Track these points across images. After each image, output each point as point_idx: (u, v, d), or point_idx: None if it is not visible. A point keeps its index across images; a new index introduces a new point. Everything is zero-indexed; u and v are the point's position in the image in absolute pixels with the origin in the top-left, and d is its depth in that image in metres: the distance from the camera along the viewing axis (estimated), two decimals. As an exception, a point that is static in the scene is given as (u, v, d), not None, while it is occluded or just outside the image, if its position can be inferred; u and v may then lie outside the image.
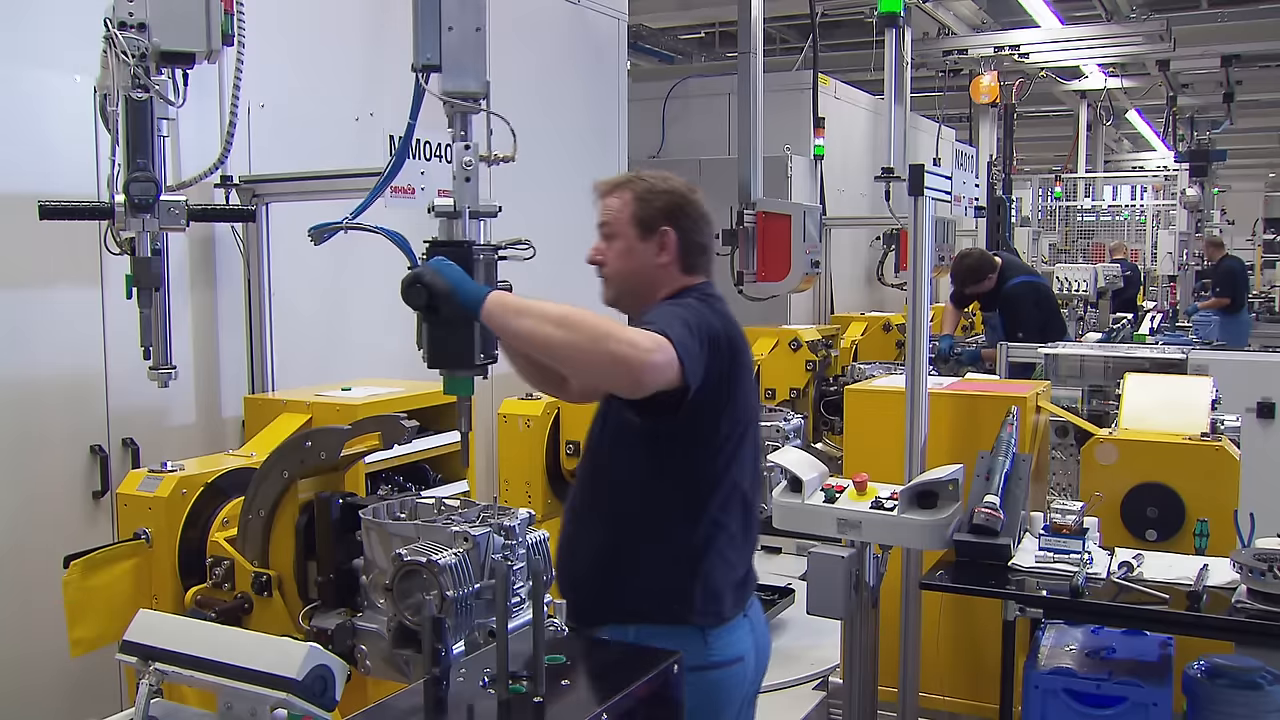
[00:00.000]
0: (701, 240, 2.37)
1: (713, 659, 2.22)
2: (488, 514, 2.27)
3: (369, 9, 4.39)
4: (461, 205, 2.19)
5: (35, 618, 3.12)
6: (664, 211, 2.32)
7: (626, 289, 2.35)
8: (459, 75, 2.19)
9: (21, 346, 3.25)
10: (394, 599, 2.16)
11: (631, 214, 2.32)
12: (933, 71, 11.23)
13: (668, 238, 2.31)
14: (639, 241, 2.32)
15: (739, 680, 2.28)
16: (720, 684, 2.24)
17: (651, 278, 2.33)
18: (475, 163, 2.18)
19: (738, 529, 2.32)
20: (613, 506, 2.29)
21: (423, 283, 2.07)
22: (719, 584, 2.25)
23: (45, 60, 3.27)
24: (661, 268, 2.32)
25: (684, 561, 2.23)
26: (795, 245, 6.29)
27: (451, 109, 2.20)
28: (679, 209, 2.33)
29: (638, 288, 2.34)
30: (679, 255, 2.33)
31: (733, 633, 2.27)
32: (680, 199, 2.34)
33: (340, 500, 2.52)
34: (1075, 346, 5.54)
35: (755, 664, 2.34)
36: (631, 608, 2.22)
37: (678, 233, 2.32)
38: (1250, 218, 19.65)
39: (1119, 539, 3.37)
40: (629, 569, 2.24)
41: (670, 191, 2.34)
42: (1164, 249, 12.11)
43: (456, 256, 2.11)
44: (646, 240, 2.32)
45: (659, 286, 2.33)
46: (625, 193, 2.34)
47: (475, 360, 2.17)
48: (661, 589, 2.22)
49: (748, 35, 6.48)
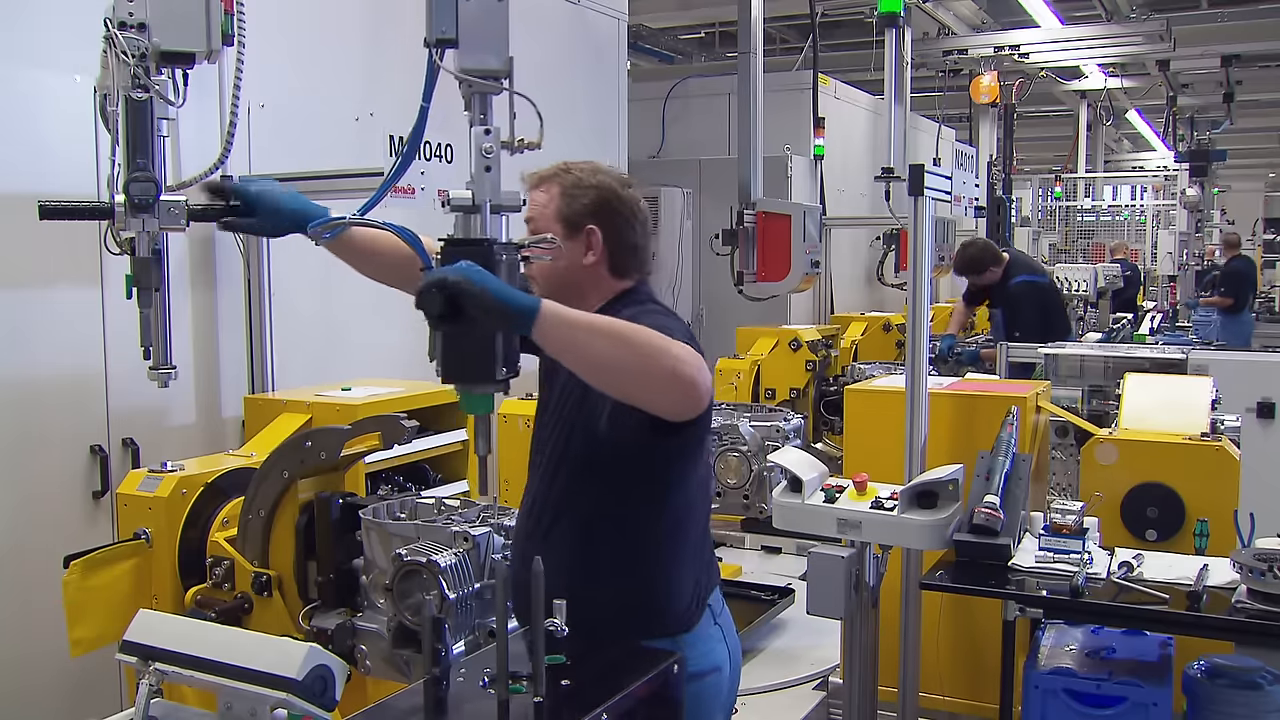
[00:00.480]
0: (633, 240, 2.23)
1: (689, 670, 2.13)
2: (488, 514, 2.27)
3: (369, 9, 4.39)
4: (481, 198, 1.91)
5: (35, 618, 3.13)
6: (590, 208, 2.18)
7: (549, 290, 2.05)
8: (478, 51, 1.96)
9: (21, 346, 3.25)
10: (394, 599, 2.16)
11: (556, 210, 2.19)
12: (933, 71, 11.23)
13: (594, 237, 2.18)
14: (564, 240, 2.16)
15: (716, 690, 2.22)
16: (699, 696, 2.16)
17: (577, 279, 2.19)
18: (497, 149, 1.91)
19: (697, 534, 2.25)
20: (594, 518, 2.18)
21: (453, 289, 1.71)
22: (685, 592, 2.18)
23: (44, 60, 3.27)
24: (588, 269, 2.19)
25: (646, 571, 2.16)
26: (795, 245, 6.29)
27: (469, 89, 1.96)
28: (607, 205, 2.19)
29: (562, 289, 2.12)
30: (606, 255, 2.19)
31: (706, 642, 2.20)
32: (609, 194, 2.20)
33: (340, 500, 2.52)
34: (1075, 346, 5.54)
35: (730, 673, 2.28)
36: (601, 621, 2.09)
37: (605, 231, 2.18)
38: (1250, 218, 19.67)
39: (1119, 539, 3.37)
40: (605, 587, 2.15)
41: (598, 187, 2.20)
42: (1164, 249, 12.11)
43: (477, 256, 1.86)
44: (572, 239, 2.17)
45: (586, 289, 2.20)
46: (552, 186, 2.20)
47: (499, 374, 1.92)
48: (625, 602, 2.15)
49: (748, 35, 6.48)
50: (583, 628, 2.01)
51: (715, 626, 2.25)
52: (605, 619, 2.10)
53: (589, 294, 2.20)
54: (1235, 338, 11.66)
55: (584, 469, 2.16)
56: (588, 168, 2.25)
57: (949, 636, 3.78)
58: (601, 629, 2.05)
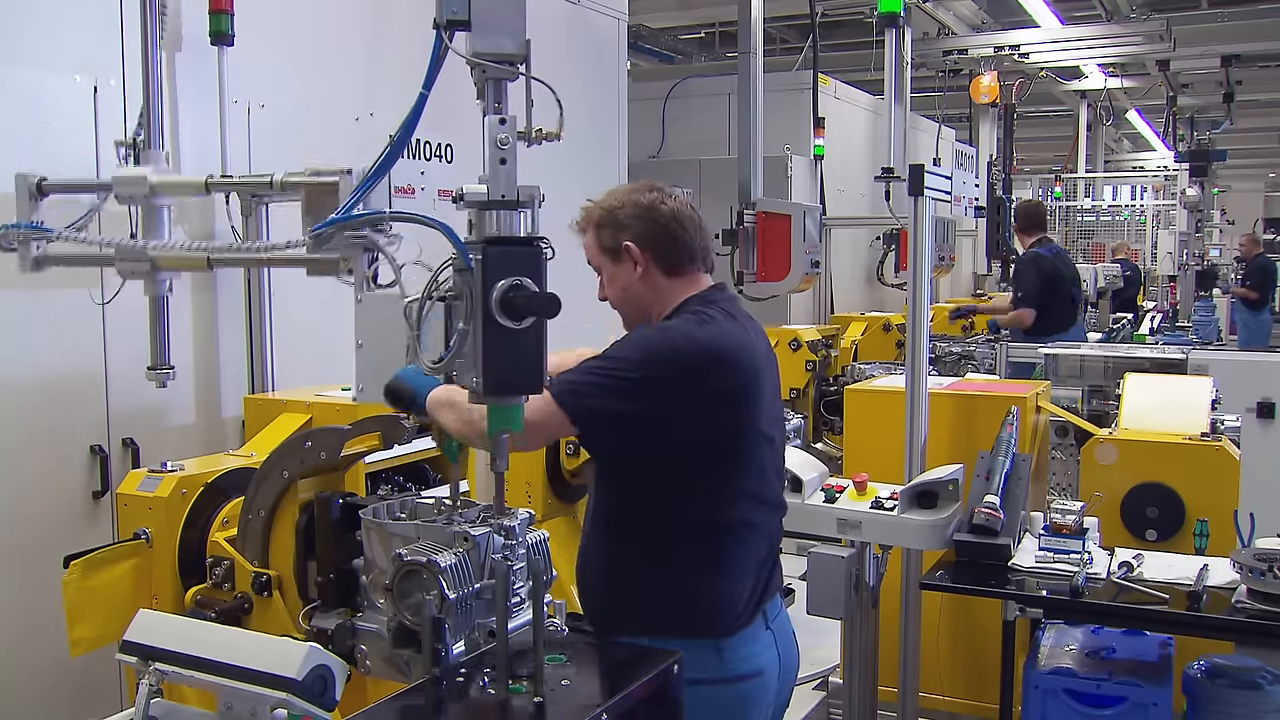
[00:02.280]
0: (672, 237, 2.32)
1: (729, 673, 2.18)
2: (488, 514, 2.27)
3: (369, 9, 4.38)
4: (496, 193, 1.81)
5: (35, 618, 3.12)
6: (617, 229, 2.30)
7: (628, 313, 2.36)
8: (493, 33, 1.85)
9: (21, 346, 3.25)
10: (394, 599, 2.16)
11: (598, 245, 2.33)
12: (933, 71, 11.23)
13: (631, 252, 2.30)
14: (614, 266, 2.32)
15: (758, 695, 2.24)
16: (738, 700, 2.20)
17: (641, 295, 2.32)
18: (513, 140, 1.81)
19: (749, 534, 2.28)
20: (616, 517, 2.29)
21: (390, 388, 2.17)
22: (727, 594, 2.22)
23: (44, 60, 3.27)
24: (643, 282, 2.31)
25: (687, 572, 2.21)
26: (795, 245, 6.30)
27: (482, 74, 1.87)
28: (631, 219, 2.30)
29: (638, 309, 2.33)
30: (653, 262, 2.31)
31: (749, 645, 2.23)
32: (629, 208, 2.31)
33: (340, 500, 2.51)
34: (1075, 346, 5.54)
35: (779, 676, 2.30)
36: (641, 619, 2.21)
37: (640, 242, 2.30)
38: (1250, 218, 19.65)
39: (1119, 539, 3.37)
40: (635, 580, 2.24)
41: (617, 207, 2.31)
42: (1164, 249, 12.12)
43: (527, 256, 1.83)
44: (619, 263, 2.31)
45: (654, 300, 2.32)
46: (590, 226, 2.35)
47: (544, 382, 1.90)
48: (666, 601, 2.21)
49: (748, 35, 6.48)
50: (614, 622, 2.20)
51: (766, 631, 2.29)
52: (644, 617, 2.20)
53: (654, 304, 2.32)
54: (1255, 335, 11.72)
55: (603, 476, 2.32)
56: (608, 195, 2.35)
57: (949, 636, 3.78)
58: (643, 626, 2.17)
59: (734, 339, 2.26)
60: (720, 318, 2.27)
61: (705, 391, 2.17)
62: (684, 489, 2.22)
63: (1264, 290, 12.46)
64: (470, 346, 1.83)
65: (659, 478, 2.21)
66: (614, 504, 2.29)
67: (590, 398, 2.12)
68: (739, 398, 2.23)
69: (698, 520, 2.22)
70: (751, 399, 2.26)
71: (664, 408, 2.14)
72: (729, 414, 2.22)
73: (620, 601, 2.25)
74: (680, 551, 2.22)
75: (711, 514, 2.23)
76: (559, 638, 2.04)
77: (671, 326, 2.25)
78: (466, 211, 1.87)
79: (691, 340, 2.20)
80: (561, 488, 3.58)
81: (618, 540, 2.28)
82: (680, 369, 2.16)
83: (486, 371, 1.82)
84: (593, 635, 2.25)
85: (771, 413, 2.34)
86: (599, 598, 2.30)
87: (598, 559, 2.31)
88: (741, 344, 2.27)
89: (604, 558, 2.30)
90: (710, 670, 2.15)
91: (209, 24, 3.61)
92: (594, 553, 2.32)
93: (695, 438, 2.18)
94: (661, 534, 2.23)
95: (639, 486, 2.24)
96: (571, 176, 5.30)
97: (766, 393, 2.32)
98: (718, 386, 2.19)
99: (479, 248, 1.82)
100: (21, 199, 2.75)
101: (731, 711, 2.19)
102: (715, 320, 2.25)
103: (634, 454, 2.20)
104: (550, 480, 4.05)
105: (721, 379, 2.20)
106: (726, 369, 2.21)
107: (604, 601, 2.28)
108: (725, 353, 2.21)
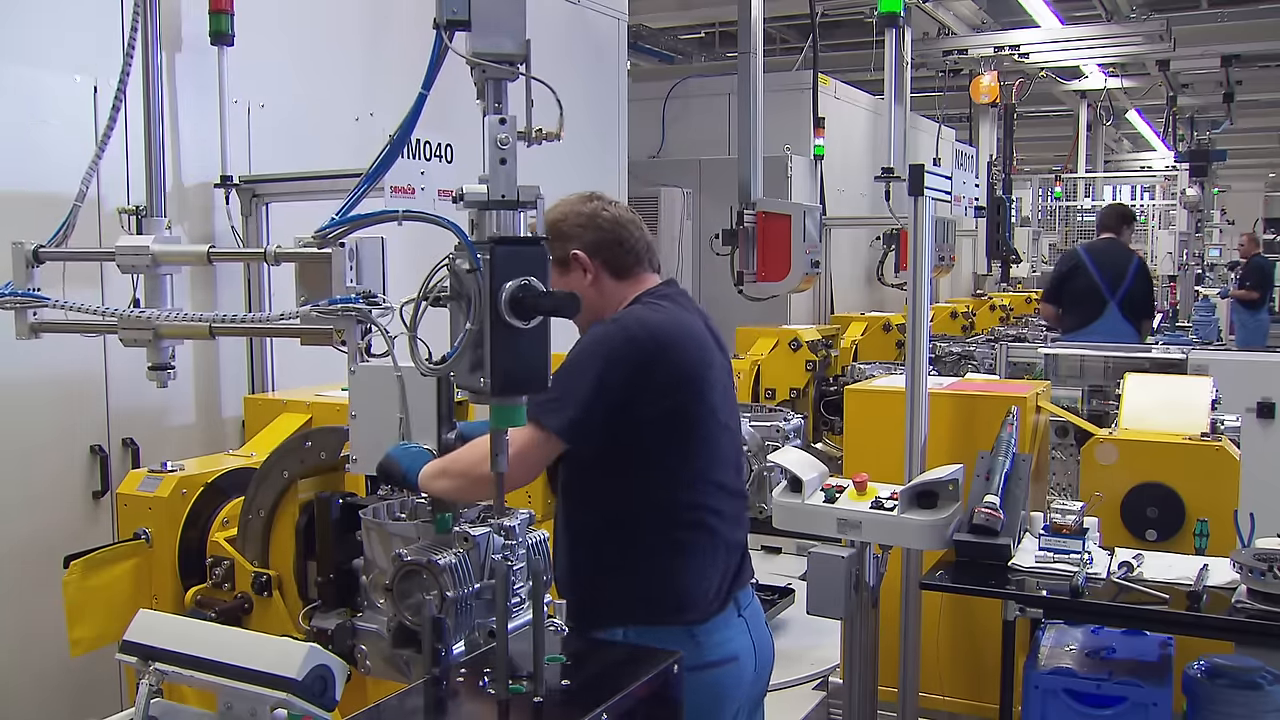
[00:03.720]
0: (618, 241, 2.35)
1: (705, 659, 2.22)
2: (488, 514, 2.27)
3: (369, 9, 4.39)
4: (496, 193, 1.81)
5: (35, 618, 3.13)
6: (561, 239, 2.32)
7: (582, 320, 2.36)
8: (493, 33, 1.86)
9: (21, 346, 3.25)
10: (394, 599, 2.16)
11: (551, 261, 2.31)
12: (933, 71, 11.23)
13: (580, 260, 2.34)
14: (563, 277, 2.34)
15: (734, 680, 2.28)
16: (714, 684, 2.24)
17: (594, 301, 2.34)
18: (513, 140, 1.81)
19: (717, 523, 2.31)
20: (584, 512, 2.33)
21: (382, 467, 2.20)
22: (697, 580, 2.26)
23: (44, 60, 3.27)
24: (594, 287, 2.34)
25: (656, 560, 2.25)
26: (795, 245, 6.29)
27: (482, 75, 1.87)
28: (577, 229, 2.34)
29: (591, 314, 2.34)
30: (602, 268, 2.35)
31: (724, 630, 2.28)
32: (572, 219, 2.35)
33: (340, 500, 2.52)
34: (1075, 346, 5.54)
35: (755, 664, 2.34)
36: (616, 609, 2.24)
37: (588, 250, 2.34)
38: (1250, 218, 19.67)
39: (1119, 539, 3.37)
40: (610, 575, 2.28)
41: (560, 220, 2.34)
42: (1164, 249, 12.12)
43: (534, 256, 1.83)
44: (569, 273, 2.34)
45: (605, 305, 2.35)
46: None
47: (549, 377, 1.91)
48: (638, 591, 2.25)
49: (748, 35, 6.48)
50: (590, 616, 2.20)
51: (739, 619, 2.33)
52: (619, 607, 2.24)
53: (606, 308, 2.34)
54: (1253, 335, 11.73)
55: (567, 470, 2.34)
56: (550, 209, 2.32)
57: (949, 636, 3.78)
58: (618, 616, 2.22)
59: (686, 325, 2.31)
60: (671, 307, 2.32)
61: (662, 374, 2.21)
62: (647, 478, 2.25)
63: (1262, 290, 12.48)
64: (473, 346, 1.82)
65: (622, 468, 2.25)
66: (579, 498, 2.33)
67: (568, 408, 2.15)
68: (694, 381, 2.27)
69: (663, 508, 2.26)
70: (706, 384, 2.30)
71: (627, 395, 2.18)
72: (685, 397, 2.25)
73: (594, 595, 2.27)
74: (648, 541, 2.26)
75: (675, 501, 2.27)
76: (559, 637, 2.05)
77: (623, 316, 2.29)
78: (467, 212, 1.87)
79: (644, 325, 2.24)
80: (561, 488, 3.58)
81: (586, 534, 2.31)
82: (637, 352, 2.20)
83: (494, 372, 1.81)
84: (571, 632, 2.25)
85: (727, 402, 2.39)
86: (573, 594, 2.31)
87: (568, 555, 2.34)
88: (693, 330, 2.32)
89: (573, 553, 2.33)
90: (687, 657, 2.16)
91: (209, 24, 3.62)
92: (564, 550, 2.35)
93: (657, 424, 2.22)
94: (628, 523, 2.27)
95: (602, 479, 2.27)
96: (571, 176, 5.30)
97: (720, 381, 2.36)
98: (674, 369, 2.23)
99: (486, 247, 1.81)
100: (18, 266, 2.76)
101: (708, 697, 2.22)
102: (666, 309, 2.31)
103: (605, 446, 2.22)
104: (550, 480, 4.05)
105: (677, 361, 2.24)
106: (680, 353, 2.25)
107: (578, 596, 2.29)
108: (678, 337, 2.26)
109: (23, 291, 2.74)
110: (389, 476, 2.23)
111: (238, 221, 3.76)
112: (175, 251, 2.77)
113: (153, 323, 2.65)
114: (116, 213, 3.22)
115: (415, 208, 2.71)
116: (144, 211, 3.13)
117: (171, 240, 2.86)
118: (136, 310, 2.68)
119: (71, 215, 2.82)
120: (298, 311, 2.32)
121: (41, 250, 2.77)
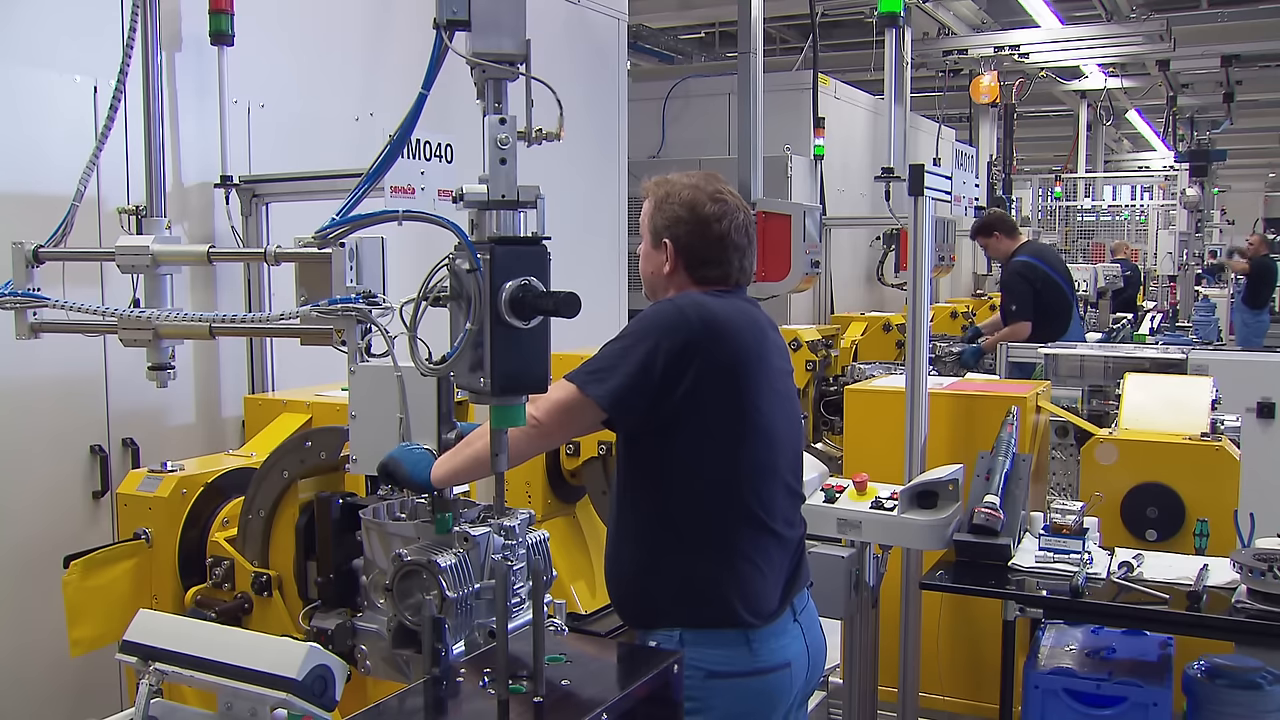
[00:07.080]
0: (706, 255, 2.32)
1: (758, 665, 2.20)
2: (488, 514, 2.27)
3: (369, 9, 4.38)
4: (496, 193, 1.81)
5: (35, 618, 3.12)
6: (668, 223, 2.32)
7: (648, 289, 2.41)
8: (493, 33, 1.86)
9: (21, 347, 3.25)
10: (394, 599, 2.16)
11: (650, 221, 2.36)
12: (933, 71, 11.24)
13: (668, 249, 2.33)
14: (651, 247, 2.36)
15: (784, 687, 2.26)
16: (765, 691, 2.22)
17: (663, 284, 2.36)
18: (513, 140, 1.81)
19: (773, 523, 2.29)
20: (640, 514, 2.30)
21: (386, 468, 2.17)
22: (754, 585, 2.23)
23: (44, 60, 3.27)
24: (668, 276, 2.34)
25: (713, 566, 2.22)
26: (795, 245, 6.30)
27: (482, 74, 1.87)
28: (683, 222, 2.32)
29: (654, 291, 2.39)
30: (683, 266, 2.33)
31: (779, 637, 2.26)
32: (689, 212, 2.32)
33: (340, 500, 2.51)
34: (1075, 346, 5.54)
35: (807, 667, 2.33)
36: (672, 613, 2.22)
37: (678, 245, 2.32)
38: (1250, 218, 19.67)
39: (1119, 539, 3.37)
40: (663, 575, 2.25)
41: (680, 205, 2.32)
42: (1164, 249, 12.13)
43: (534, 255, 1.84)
44: (656, 248, 2.36)
45: (672, 292, 2.35)
46: (651, 198, 2.37)
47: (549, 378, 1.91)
48: (695, 594, 2.22)
49: (748, 35, 6.49)
50: (645, 618, 2.24)
51: (795, 624, 2.32)
52: (674, 610, 2.22)
53: (671, 294, 2.33)
54: (1253, 335, 11.72)
55: (625, 469, 2.32)
56: (684, 182, 2.35)
57: (949, 636, 3.78)
58: (674, 620, 2.20)
59: (744, 315, 2.29)
60: (733, 299, 2.31)
61: (711, 357, 2.18)
62: (699, 474, 2.22)
63: (1264, 289, 12.49)
64: (473, 346, 1.82)
65: (674, 464, 2.22)
66: (632, 498, 2.30)
67: (613, 378, 2.13)
68: (745, 372, 2.24)
69: (716, 507, 2.23)
70: (760, 376, 2.27)
71: (673, 374, 2.14)
72: (736, 385, 2.22)
73: (647, 597, 2.26)
74: (704, 541, 2.23)
75: (733, 502, 2.24)
76: (559, 637, 2.04)
77: (680, 297, 2.28)
78: (467, 212, 1.87)
79: (700, 307, 2.22)
80: (561, 488, 3.58)
81: (640, 534, 2.29)
82: (688, 331, 2.17)
83: (495, 372, 1.82)
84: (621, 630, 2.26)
85: (785, 402, 2.36)
86: (628, 595, 2.31)
87: (624, 554, 2.32)
88: (751, 323, 2.29)
89: (627, 553, 2.31)
90: (740, 663, 2.17)
91: (209, 24, 3.61)
92: (620, 548, 2.33)
93: (706, 410, 2.18)
94: (684, 525, 2.23)
95: (655, 477, 2.25)
96: (571, 176, 5.30)
97: (779, 382, 2.34)
98: (723, 355, 2.20)
99: (486, 247, 1.82)
100: (18, 266, 2.76)
101: (758, 703, 2.21)
102: (726, 299, 2.29)
103: (656, 430, 2.20)
104: (550, 480, 4.05)
105: (727, 349, 2.21)
106: (731, 340, 2.22)
107: (632, 598, 2.30)
108: (731, 326, 2.24)
109: (23, 291, 2.74)
110: (391, 478, 2.22)
111: (238, 221, 3.76)
112: (175, 251, 2.77)
113: (153, 323, 2.66)
114: (116, 213, 3.23)
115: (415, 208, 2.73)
116: (144, 211, 3.14)
117: (171, 240, 2.87)
118: (136, 310, 2.69)
119: (69, 215, 2.83)
120: (298, 311, 2.32)
121: (41, 250, 2.78)
